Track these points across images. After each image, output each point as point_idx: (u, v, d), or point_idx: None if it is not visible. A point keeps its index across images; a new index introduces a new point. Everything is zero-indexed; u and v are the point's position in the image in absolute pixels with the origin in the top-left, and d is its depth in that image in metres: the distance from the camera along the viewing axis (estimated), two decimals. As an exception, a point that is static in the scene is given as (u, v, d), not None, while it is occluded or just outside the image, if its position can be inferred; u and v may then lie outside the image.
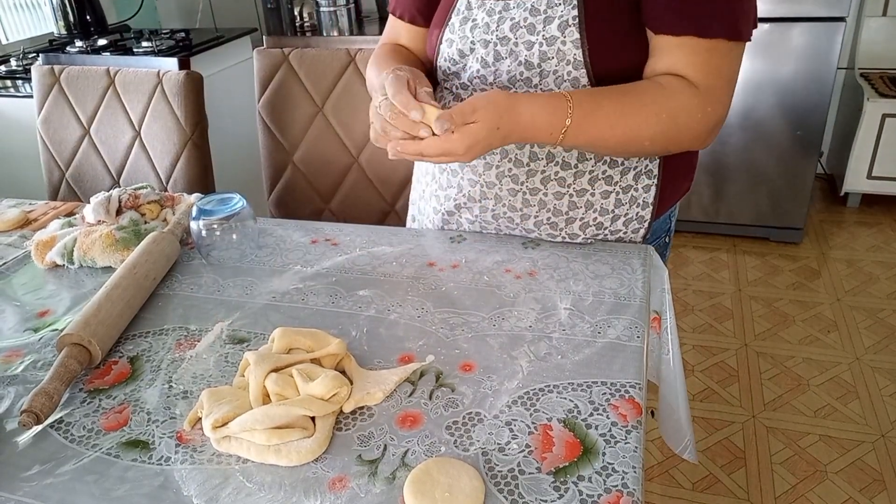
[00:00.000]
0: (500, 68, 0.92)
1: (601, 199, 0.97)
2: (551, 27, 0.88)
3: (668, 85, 0.85)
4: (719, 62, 0.85)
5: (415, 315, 0.87)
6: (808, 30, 2.35)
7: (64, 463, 0.67)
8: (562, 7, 0.87)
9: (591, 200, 0.97)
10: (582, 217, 0.98)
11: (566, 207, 0.98)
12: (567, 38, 0.87)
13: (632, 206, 0.99)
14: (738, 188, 2.67)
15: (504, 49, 0.91)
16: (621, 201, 0.98)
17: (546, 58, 0.89)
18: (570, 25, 0.86)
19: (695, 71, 0.85)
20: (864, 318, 2.24)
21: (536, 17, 0.88)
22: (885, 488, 1.62)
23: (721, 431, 1.81)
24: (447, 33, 0.96)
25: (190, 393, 0.75)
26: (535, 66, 0.90)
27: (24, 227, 1.20)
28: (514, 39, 0.90)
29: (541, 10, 0.88)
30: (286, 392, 0.70)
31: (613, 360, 0.76)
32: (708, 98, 0.85)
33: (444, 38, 0.97)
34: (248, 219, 1.03)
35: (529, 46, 0.89)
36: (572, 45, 0.87)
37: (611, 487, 0.61)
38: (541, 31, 0.88)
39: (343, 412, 0.71)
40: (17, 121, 2.07)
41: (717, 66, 0.85)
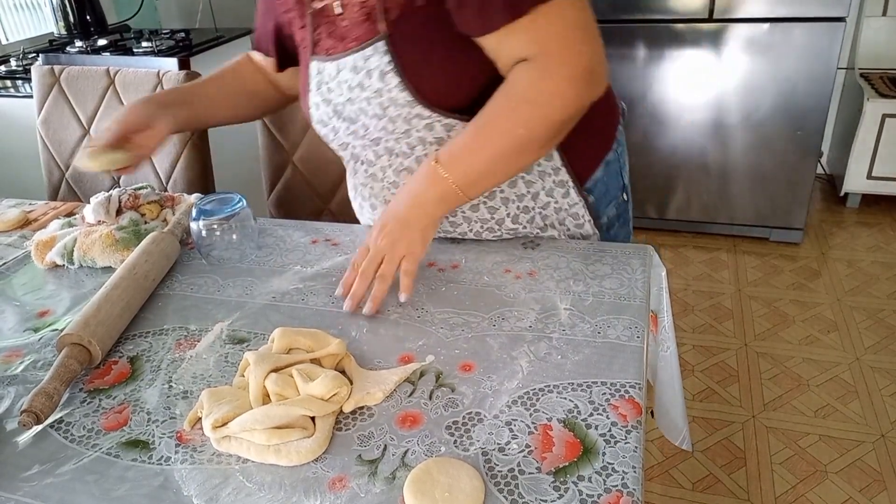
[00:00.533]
0: (366, 123, 0.94)
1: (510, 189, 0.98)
2: (373, 81, 0.89)
3: (509, 79, 0.85)
4: (549, 27, 0.82)
5: (415, 315, 0.87)
6: (808, 30, 2.35)
7: (64, 463, 0.67)
8: (375, 58, 0.87)
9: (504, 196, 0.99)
10: (508, 213, 1.00)
11: (488, 214, 1.00)
12: (390, 84, 0.88)
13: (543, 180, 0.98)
14: (738, 188, 2.68)
15: (355, 108, 0.93)
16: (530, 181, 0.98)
17: (384, 107, 0.90)
18: (387, 73, 0.87)
19: (528, 49, 0.83)
20: (864, 318, 2.24)
21: (359, 74, 0.90)
22: (885, 488, 1.62)
23: (721, 431, 1.81)
24: (312, 97, 0.98)
25: (190, 393, 0.75)
26: (383, 116, 0.91)
27: (24, 227, 1.20)
28: (354, 98, 0.92)
29: (359, 66, 0.89)
30: (286, 392, 0.70)
31: (613, 360, 0.76)
32: (552, 63, 0.83)
33: (311, 103, 0.99)
34: (248, 219, 1.03)
35: (368, 101, 0.91)
36: (398, 90, 0.88)
37: (611, 487, 0.61)
38: (367, 85, 0.90)
39: (343, 412, 0.71)
40: (17, 121, 2.07)
41: (546, 32, 0.82)
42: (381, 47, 0.86)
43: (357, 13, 0.88)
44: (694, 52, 2.49)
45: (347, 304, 0.87)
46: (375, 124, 0.93)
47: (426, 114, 0.90)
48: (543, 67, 0.83)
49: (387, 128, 0.93)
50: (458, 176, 0.87)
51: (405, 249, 0.88)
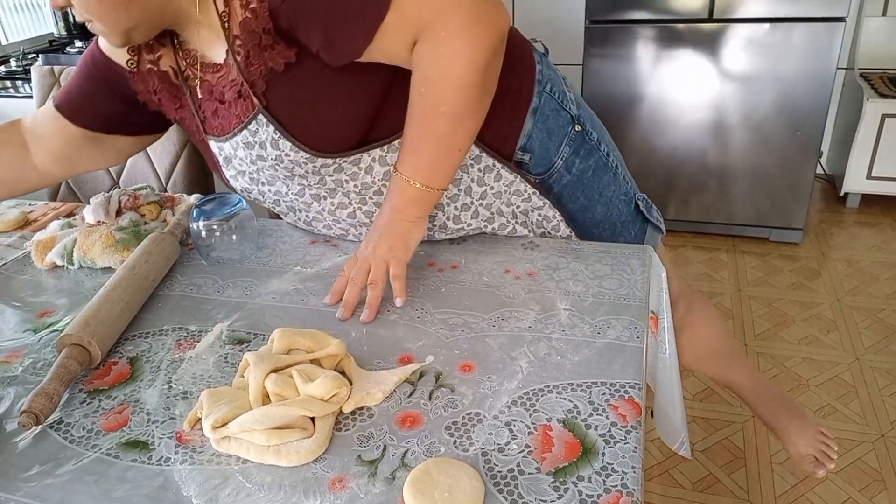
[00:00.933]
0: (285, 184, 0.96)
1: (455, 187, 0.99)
2: (268, 150, 0.90)
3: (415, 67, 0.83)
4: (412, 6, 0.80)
5: (414, 315, 0.87)
6: (808, 30, 2.35)
7: (64, 463, 0.67)
8: (261, 131, 0.88)
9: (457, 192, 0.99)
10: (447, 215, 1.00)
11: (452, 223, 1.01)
12: (284, 149, 0.89)
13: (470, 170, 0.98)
14: (738, 188, 2.68)
15: (267, 175, 0.94)
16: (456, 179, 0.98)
17: (290, 169, 0.91)
18: (277, 140, 0.88)
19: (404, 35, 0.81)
20: (864, 318, 2.24)
21: (253, 148, 0.91)
22: (885, 488, 1.62)
23: (721, 431, 1.81)
24: (227, 171, 0.98)
25: (190, 393, 0.75)
26: (293, 176, 0.93)
27: (24, 227, 1.20)
28: (260, 168, 0.93)
29: (251, 142, 0.90)
30: (286, 393, 0.70)
31: (613, 360, 0.76)
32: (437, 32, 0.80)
33: (228, 177, 1.00)
34: (248, 219, 1.03)
35: (274, 168, 0.92)
36: (293, 151, 0.89)
37: (610, 487, 0.61)
38: (266, 156, 0.90)
39: (343, 413, 0.71)
40: (17, 121, 2.07)
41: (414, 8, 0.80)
42: (262, 119, 0.87)
43: (230, 92, 0.89)
44: (694, 52, 2.50)
45: (341, 313, 0.87)
46: (291, 184, 0.95)
47: (330, 161, 0.91)
48: (430, 38, 0.81)
49: (303, 182, 0.94)
50: (417, 175, 0.87)
51: (389, 254, 0.89)
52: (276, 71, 0.85)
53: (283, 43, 0.84)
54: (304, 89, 0.87)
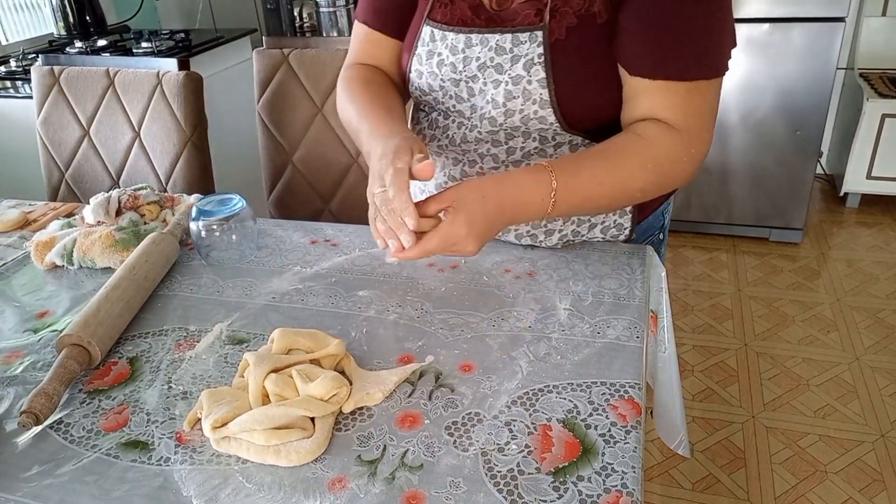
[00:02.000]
0: (475, 103, 0.91)
1: None
2: (517, 66, 0.86)
3: (647, 135, 0.84)
4: (700, 102, 0.83)
5: (414, 315, 0.87)
6: (808, 30, 2.35)
7: (63, 463, 0.67)
8: (527, 45, 0.85)
9: None
10: (560, 229, 0.98)
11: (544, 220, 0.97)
12: (533, 76, 0.85)
13: (608, 215, 0.97)
14: (738, 188, 2.68)
15: (475, 86, 0.90)
16: None
17: (511, 97, 0.87)
18: (535, 64, 0.85)
19: (675, 113, 0.83)
20: (864, 318, 2.24)
21: (502, 56, 0.86)
22: (885, 488, 1.62)
23: (721, 431, 1.81)
24: (415, 64, 0.94)
25: (189, 394, 0.75)
26: (501, 105, 0.88)
27: (24, 227, 1.20)
28: (483, 79, 0.89)
29: (506, 48, 0.86)
30: (285, 393, 0.70)
31: (613, 360, 0.76)
32: (690, 139, 0.84)
33: (412, 69, 0.95)
34: (248, 219, 1.03)
35: (497, 85, 0.88)
36: (538, 85, 0.85)
37: (610, 487, 0.61)
38: (507, 69, 0.86)
39: (342, 413, 0.71)
40: (17, 121, 2.07)
41: (697, 106, 0.83)
42: (539, 37, 0.84)
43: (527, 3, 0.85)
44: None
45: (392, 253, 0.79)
46: (488, 110, 0.90)
47: (549, 120, 0.87)
48: (686, 141, 0.84)
49: (495, 119, 0.89)
50: (560, 203, 0.81)
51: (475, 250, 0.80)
52: (591, 19, 0.82)
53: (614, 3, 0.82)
54: (593, 54, 0.84)
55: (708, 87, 0.83)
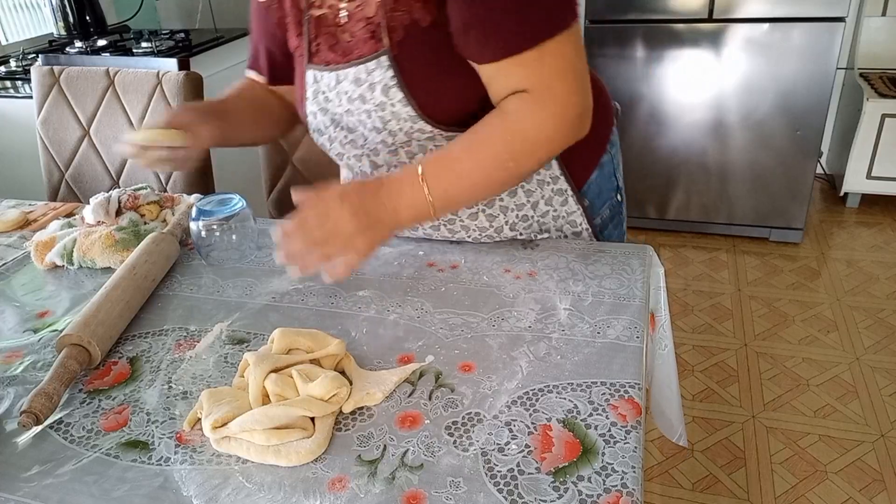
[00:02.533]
0: (364, 134, 0.93)
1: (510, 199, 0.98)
2: (376, 94, 0.88)
3: (505, 108, 0.84)
4: (551, 62, 0.82)
5: (414, 315, 0.87)
6: (808, 30, 2.35)
7: (63, 463, 0.67)
8: (378, 72, 0.87)
9: (503, 204, 0.99)
10: (506, 221, 1.00)
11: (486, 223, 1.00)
12: (393, 98, 0.87)
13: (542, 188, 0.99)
14: (738, 188, 2.68)
15: (354, 119, 0.92)
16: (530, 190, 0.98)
17: (385, 120, 0.89)
18: (390, 87, 0.87)
19: (531, 82, 0.83)
20: (864, 318, 2.24)
21: (360, 86, 0.89)
22: (885, 488, 1.62)
23: (721, 431, 1.81)
24: (309, 106, 0.97)
25: (189, 393, 0.75)
26: (383, 129, 0.91)
27: (24, 227, 1.20)
28: (354, 110, 0.91)
29: (362, 78, 0.88)
30: (286, 393, 0.70)
31: (613, 360, 0.76)
32: (551, 99, 0.83)
33: (307, 112, 0.98)
34: (248, 219, 1.03)
35: (368, 115, 0.90)
36: (401, 105, 0.87)
37: (610, 487, 0.61)
38: (369, 98, 0.89)
39: (343, 413, 0.71)
40: (17, 121, 2.07)
41: (548, 67, 0.82)
42: (385, 62, 0.86)
43: (361, 30, 0.87)
44: (694, 52, 2.50)
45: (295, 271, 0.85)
46: (374, 137, 0.93)
47: (428, 129, 0.90)
48: (541, 103, 0.83)
49: (386, 140, 0.92)
50: (437, 195, 0.85)
51: (365, 246, 0.84)
52: (418, 24, 0.83)
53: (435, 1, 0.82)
54: (436, 52, 0.85)
55: (555, 46, 0.81)
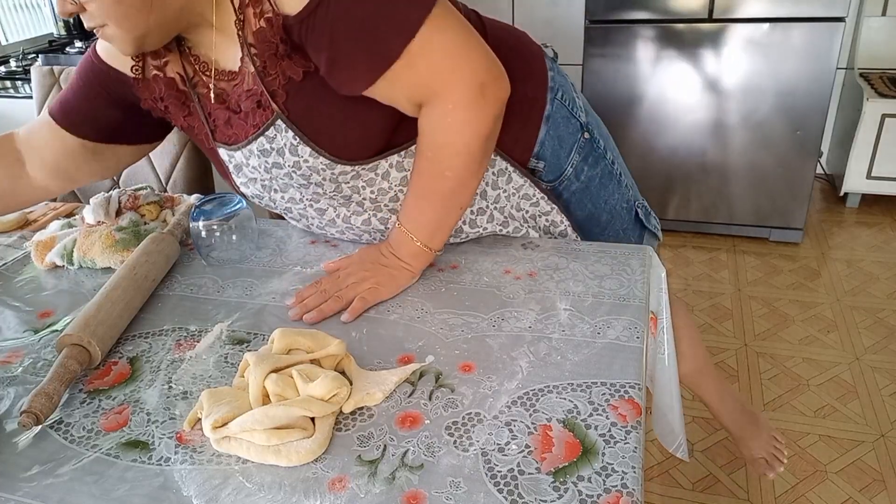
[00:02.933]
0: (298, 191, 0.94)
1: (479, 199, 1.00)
2: (286, 157, 0.88)
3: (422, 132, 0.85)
4: (421, 66, 0.80)
5: (414, 316, 0.87)
6: (808, 30, 2.35)
7: (64, 463, 0.67)
8: (279, 136, 0.86)
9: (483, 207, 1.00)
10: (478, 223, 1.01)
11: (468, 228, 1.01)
12: (304, 155, 0.87)
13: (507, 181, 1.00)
14: (738, 188, 2.68)
15: (281, 183, 0.93)
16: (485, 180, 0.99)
17: (308, 175, 0.90)
18: (297, 146, 0.87)
19: (416, 90, 0.82)
20: (864, 318, 2.24)
21: (269, 155, 0.89)
22: (885, 488, 1.62)
23: (721, 431, 1.81)
24: (237, 179, 0.97)
25: (189, 393, 0.75)
26: (311, 184, 0.92)
27: (24, 227, 1.20)
28: (275, 176, 0.92)
29: (267, 148, 0.88)
30: (286, 393, 0.70)
31: (613, 360, 0.76)
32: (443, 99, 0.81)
33: (238, 184, 0.98)
34: (248, 220, 1.03)
35: (290, 177, 0.91)
36: (313, 159, 0.88)
37: (610, 487, 0.61)
38: (283, 163, 0.89)
39: (343, 413, 0.71)
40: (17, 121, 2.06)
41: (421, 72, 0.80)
42: (281, 125, 0.85)
43: (246, 102, 0.86)
44: (694, 52, 2.50)
45: (294, 313, 0.88)
46: (305, 191, 0.94)
47: (349, 168, 0.90)
48: (438, 106, 0.82)
49: (318, 190, 0.93)
50: (419, 233, 0.90)
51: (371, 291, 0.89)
52: (294, 80, 0.83)
53: (300, 54, 0.82)
54: (325, 99, 0.85)
55: (420, 46, 0.78)
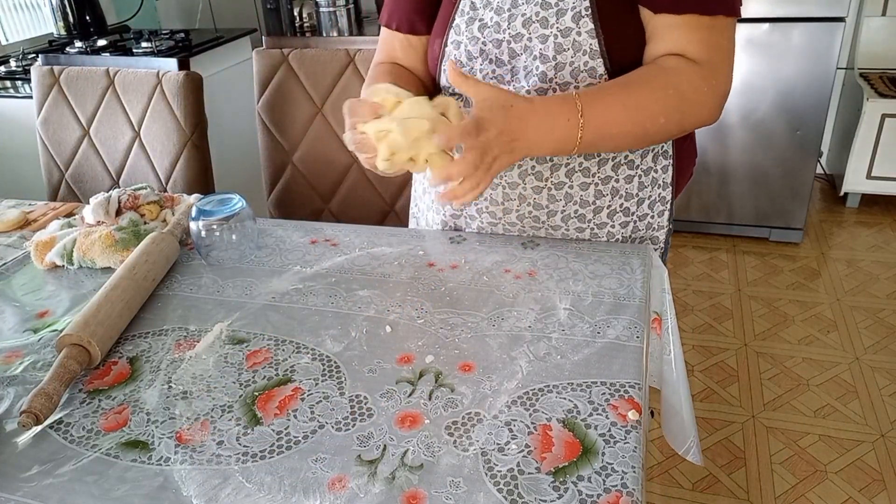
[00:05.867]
0: (516, 65, 0.92)
1: (625, 184, 0.98)
2: (565, 19, 0.88)
3: (670, 65, 0.86)
4: (718, 38, 0.86)
5: (414, 315, 0.87)
6: (808, 30, 2.35)
7: (63, 463, 0.67)
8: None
9: (616, 186, 0.98)
10: (609, 205, 0.99)
11: (593, 197, 0.98)
12: (582, 28, 0.87)
13: (654, 188, 1.00)
14: (738, 188, 2.67)
15: (518, 45, 0.91)
16: (644, 184, 0.99)
17: (562, 49, 0.89)
18: (583, 16, 0.87)
19: (696, 48, 0.85)
20: (864, 318, 2.24)
21: (548, 10, 0.88)
22: (885, 488, 1.62)
23: (721, 431, 1.81)
24: (453, 35, 0.95)
25: (189, 393, 0.75)
26: (551, 59, 0.90)
27: (24, 227, 1.20)
28: (528, 35, 0.90)
29: (552, 2, 0.88)
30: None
31: (613, 360, 0.76)
32: (711, 72, 0.86)
33: (449, 41, 0.95)
34: (248, 219, 1.03)
35: (544, 40, 0.89)
36: (587, 36, 0.87)
37: (610, 487, 0.61)
38: (554, 23, 0.88)
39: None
40: (17, 121, 2.07)
41: (716, 41, 0.86)
42: None
43: None
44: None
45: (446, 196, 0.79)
46: (533, 68, 0.91)
47: (599, 69, 0.89)
48: (707, 74, 0.86)
49: (545, 74, 0.90)
50: (588, 132, 0.82)
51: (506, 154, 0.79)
52: None
53: None
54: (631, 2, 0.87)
55: (726, 25, 0.86)
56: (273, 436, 0.69)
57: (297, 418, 0.71)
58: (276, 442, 0.68)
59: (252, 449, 0.67)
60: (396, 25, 1.03)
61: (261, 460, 0.66)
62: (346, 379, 0.76)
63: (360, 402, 0.72)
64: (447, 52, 0.96)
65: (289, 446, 0.67)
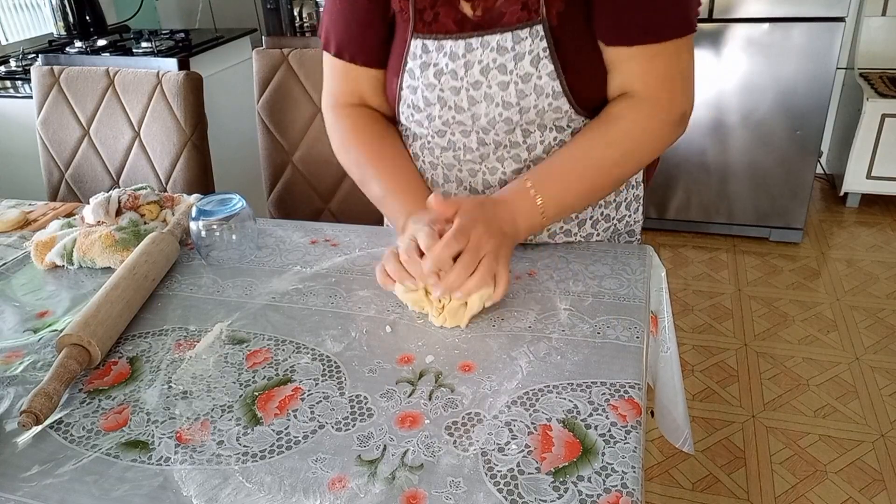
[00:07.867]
0: (476, 112, 0.90)
1: None
2: (523, 63, 0.85)
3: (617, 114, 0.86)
4: (674, 62, 0.85)
5: (414, 316, 0.87)
6: (808, 30, 2.35)
7: (63, 463, 0.67)
8: (529, 41, 0.85)
9: None
10: (591, 216, 1.00)
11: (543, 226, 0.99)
12: (542, 71, 0.85)
13: (629, 190, 1.01)
14: (738, 188, 2.68)
15: (478, 93, 0.89)
16: (619, 189, 1.00)
17: (524, 95, 0.87)
18: (542, 58, 0.85)
19: (648, 80, 0.84)
20: (864, 318, 2.24)
21: (505, 55, 0.86)
22: (885, 488, 1.62)
23: (721, 431, 1.81)
24: (407, 79, 0.92)
25: (189, 393, 0.75)
26: (514, 105, 0.88)
27: (24, 227, 1.20)
28: (487, 82, 0.88)
29: (508, 47, 0.85)
30: None
31: (613, 360, 0.76)
32: (664, 104, 0.86)
33: (404, 85, 0.93)
34: (248, 219, 1.03)
35: (504, 87, 0.87)
36: (549, 78, 0.86)
37: (610, 487, 0.61)
38: (513, 69, 0.86)
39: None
40: (17, 121, 2.07)
41: (671, 67, 0.85)
42: (540, 32, 0.83)
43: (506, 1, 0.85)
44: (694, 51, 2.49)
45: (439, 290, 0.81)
46: (495, 114, 0.89)
47: (564, 108, 0.88)
48: (660, 109, 0.85)
49: (509, 118, 0.89)
50: (548, 207, 0.86)
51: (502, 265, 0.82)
52: None
53: None
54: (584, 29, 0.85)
55: (680, 47, 0.84)
56: (273, 436, 0.69)
57: (298, 418, 0.71)
58: (276, 442, 0.68)
59: (252, 449, 0.67)
60: (364, 61, 0.97)
61: (261, 460, 0.66)
62: (347, 379, 0.76)
63: (360, 402, 0.72)
64: (403, 96, 0.94)
65: (289, 446, 0.67)
